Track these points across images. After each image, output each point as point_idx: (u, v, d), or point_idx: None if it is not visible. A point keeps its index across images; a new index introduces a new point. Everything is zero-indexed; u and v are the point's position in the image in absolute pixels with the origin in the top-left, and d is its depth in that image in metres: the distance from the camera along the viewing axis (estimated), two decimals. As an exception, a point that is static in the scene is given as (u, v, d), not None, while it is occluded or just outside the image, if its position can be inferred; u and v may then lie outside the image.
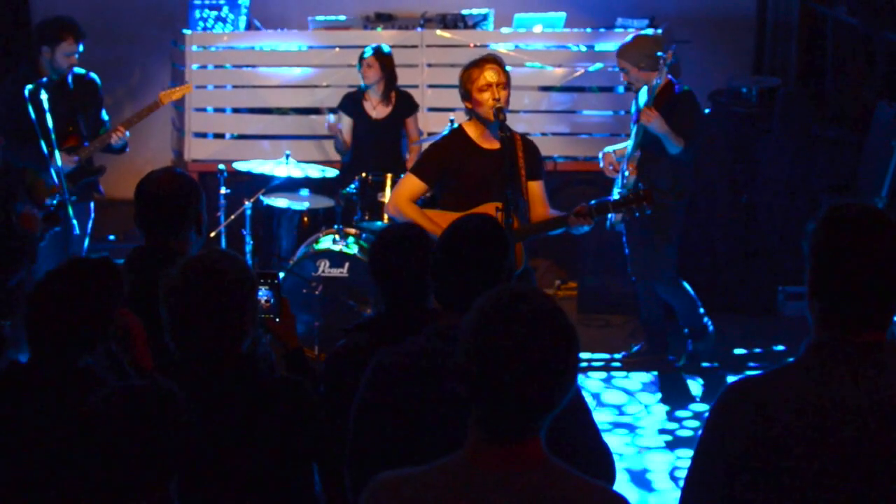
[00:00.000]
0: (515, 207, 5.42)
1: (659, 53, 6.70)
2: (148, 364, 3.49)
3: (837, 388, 2.61)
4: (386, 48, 8.05)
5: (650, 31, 7.11)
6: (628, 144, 6.95)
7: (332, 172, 7.94)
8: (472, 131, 5.74)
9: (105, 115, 7.33)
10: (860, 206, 2.70)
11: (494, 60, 5.67)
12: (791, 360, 2.76)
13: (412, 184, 5.74)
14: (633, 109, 7.10)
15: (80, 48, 6.98)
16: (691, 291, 7.15)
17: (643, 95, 6.90)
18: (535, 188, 5.76)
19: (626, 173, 6.79)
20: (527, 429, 2.34)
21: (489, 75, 5.59)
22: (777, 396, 2.64)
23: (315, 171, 7.82)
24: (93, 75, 7.28)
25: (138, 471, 2.60)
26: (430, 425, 3.06)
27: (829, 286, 2.66)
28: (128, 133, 7.05)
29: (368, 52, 7.95)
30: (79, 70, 7.16)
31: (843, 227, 2.66)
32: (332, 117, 8.21)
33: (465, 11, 9.38)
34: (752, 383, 2.75)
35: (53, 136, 6.55)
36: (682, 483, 2.80)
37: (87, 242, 7.26)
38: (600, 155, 7.13)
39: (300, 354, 3.93)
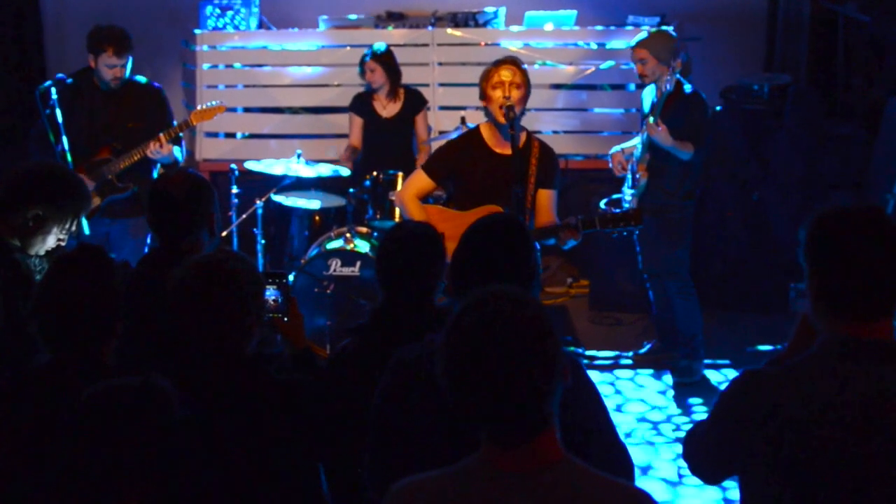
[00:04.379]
0: (521, 207, 5.45)
1: (680, 53, 6.70)
2: None
3: (850, 384, 2.64)
4: (382, 47, 8.03)
5: (672, 31, 7.10)
6: (636, 143, 6.95)
7: (343, 171, 7.94)
8: (486, 133, 5.76)
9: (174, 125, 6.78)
10: (849, 204, 2.76)
11: (513, 62, 5.72)
12: (805, 355, 2.78)
13: (420, 180, 5.82)
14: (644, 108, 7.07)
15: (125, 61, 6.58)
16: (697, 301, 7.13)
17: (651, 94, 6.88)
18: (544, 197, 5.73)
19: (637, 175, 6.79)
20: (529, 430, 2.32)
21: (504, 73, 5.64)
22: (791, 390, 2.66)
23: (326, 170, 7.81)
24: (154, 85, 6.91)
25: (123, 467, 2.61)
26: (453, 422, 3.07)
27: (831, 284, 2.70)
28: (174, 146, 6.61)
29: (367, 58, 7.94)
30: (138, 79, 6.83)
31: (836, 225, 2.72)
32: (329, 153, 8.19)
33: (475, 10, 9.38)
34: (767, 376, 2.77)
35: (65, 140, 6.27)
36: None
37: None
38: (609, 154, 7.12)
39: (308, 354, 3.93)
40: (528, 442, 2.32)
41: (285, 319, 3.93)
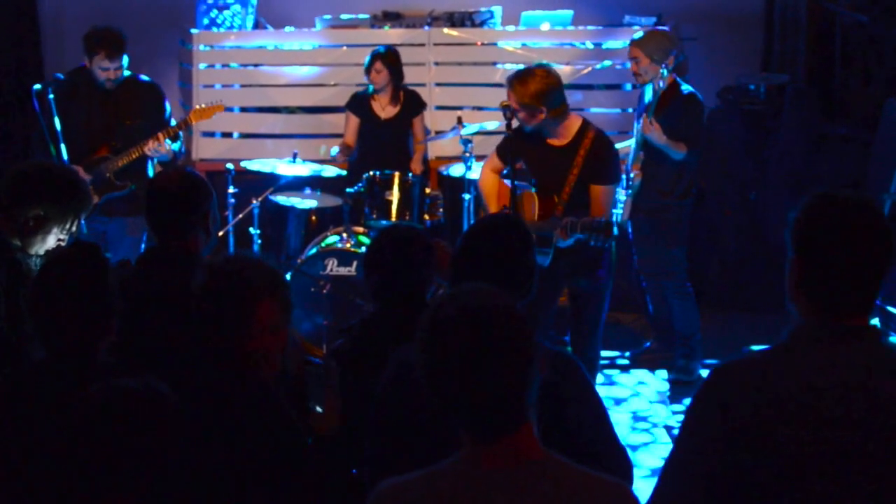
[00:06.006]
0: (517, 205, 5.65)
1: (672, 52, 6.70)
2: None
3: (822, 371, 2.61)
4: (390, 48, 8.03)
5: (667, 30, 7.11)
6: (631, 144, 6.95)
7: (327, 171, 7.91)
8: None
9: (173, 124, 6.85)
10: (842, 193, 2.72)
11: (508, 84, 5.79)
12: (773, 344, 2.77)
13: (493, 160, 6.19)
14: (638, 109, 7.08)
15: (119, 63, 6.57)
16: (694, 301, 7.14)
17: (647, 94, 6.89)
18: (594, 192, 5.81)
19: (632, 175, 6.79)
20: (506, 423, 2.34)
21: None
22: (763, 379, 2.64)
23: (306, 171, 7.78)
24: (150, 81, 6.93)
25: (120, 469, 2.60)
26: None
27: (815, 272, 2.68)
28: (170, 142, 6.63)
29: (375, 59, 7.90)
30: (136, 76, 6.83)
31: (826, 214, 2.69)
32: (334, 151, 8.16)
33: (472, 10, 9.38)
34: (737, 366, 2.74)
35: (61, 139, 6.23)
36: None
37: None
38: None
39: (330, 443, 3.88)
40: (507, 436, 2.34)
41: (318, 409, 3.88)
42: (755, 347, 7.68)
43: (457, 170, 8.01)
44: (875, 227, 2.66)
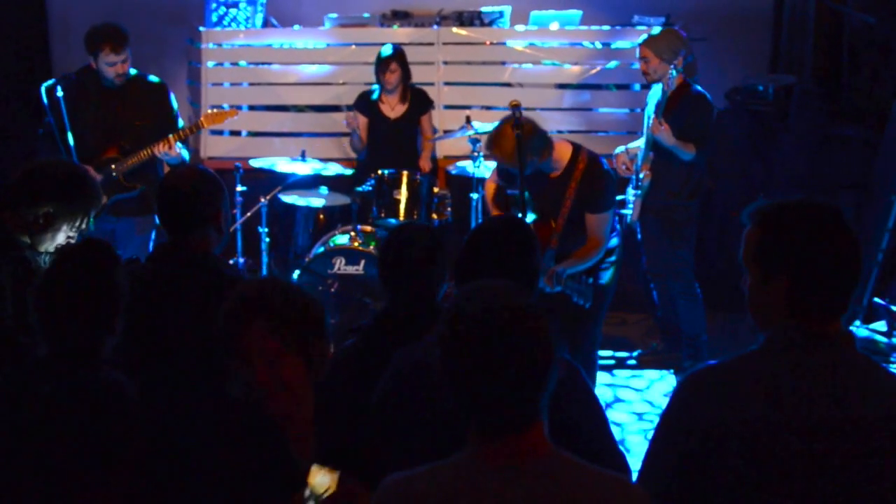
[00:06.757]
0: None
1: (682, 52, 6.71)
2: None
3: (800, 377, 2.64)
4: (398, 48, 8.02)
5: (678, 30, 7.13)
6: (641, 144, 6.96)
7: (347, 170, 7.94)
8: None
9: (181, 124, 6.82)
10: (803, 203, 2.72)
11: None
12: (752, 348, 2.81)
13: (493, 175, 6.38)
14: (647, 110, 7.08)
15: (125, 56, 6.55)
16: (701, 302, 7.14)
17: (655, 94, 6.89)
18: (587, 221, 5.84)
19: (641, 175, 6.80)
20: (519, 420, 2.36)
21: None
22: (738, 385, 2.66)
23: (331, 169, 7.82)
24: (158, 81, 6.90)
25: (83, 462, 2.59)
26: (453, 422, 3.08)
27: (804, 287, 2.68)
28: (180, 146, 6.59)
29: (390, 59, 7.87)
30: (142, 75, 6.82)
31: (804, 228, 2.68)
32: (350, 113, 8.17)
33: (481, 9, 9.38)
34: (712, 372, 2.77)
35: (71, 138, 6.25)
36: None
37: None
38: (613, 154, 7.13)
39: None
40: (516, 434, 2.36)
41: None
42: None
43: (464, 161, 7.98)
44: (849, 231, 2.68)
